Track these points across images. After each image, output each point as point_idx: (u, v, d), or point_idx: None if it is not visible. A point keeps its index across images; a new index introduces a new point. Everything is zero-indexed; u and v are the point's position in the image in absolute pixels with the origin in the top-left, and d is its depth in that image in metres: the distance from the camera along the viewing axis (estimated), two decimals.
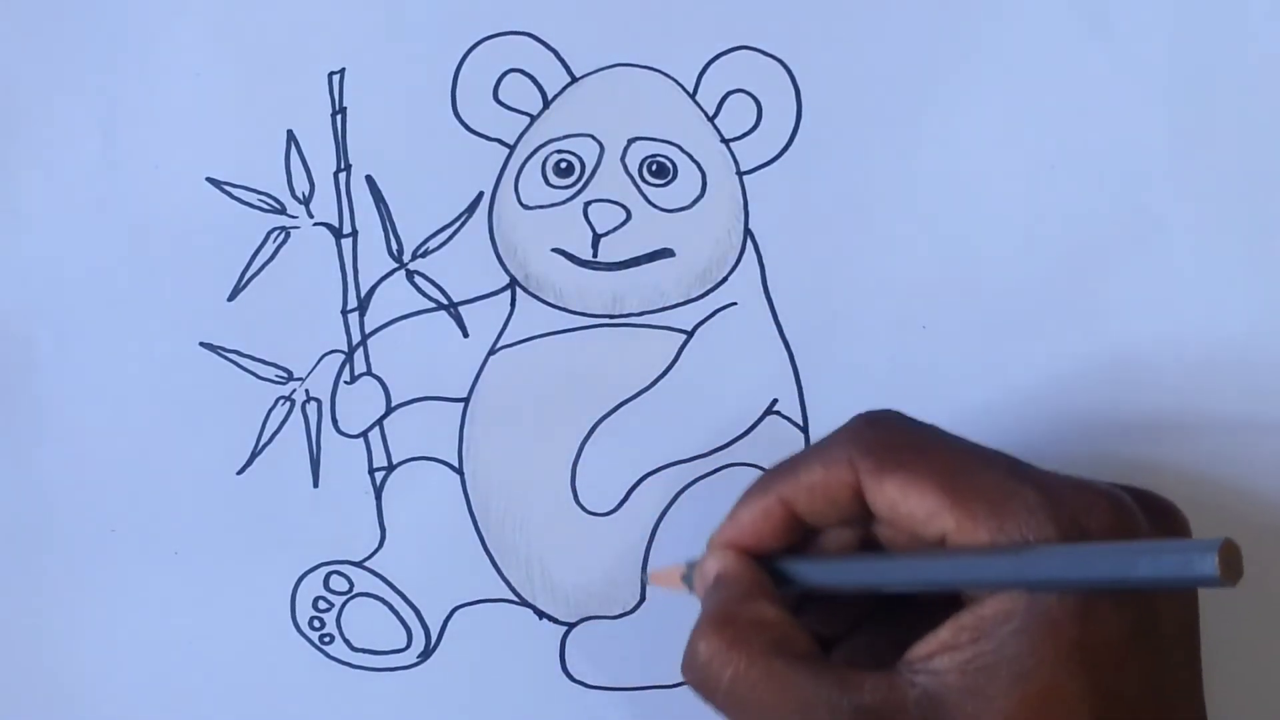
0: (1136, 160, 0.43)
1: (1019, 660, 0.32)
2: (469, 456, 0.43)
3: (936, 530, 0.33)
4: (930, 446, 0.35)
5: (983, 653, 0.32)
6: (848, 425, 0.36)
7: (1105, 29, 0.43)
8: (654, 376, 0.43)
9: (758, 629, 0.35)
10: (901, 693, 0.33)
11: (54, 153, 0.44)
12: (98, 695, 0.43)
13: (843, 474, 0.35)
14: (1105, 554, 0.31)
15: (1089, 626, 0.32)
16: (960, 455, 0.35)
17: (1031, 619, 0.32)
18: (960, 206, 0.43)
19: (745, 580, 0.36)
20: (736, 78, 0.43)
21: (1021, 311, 0.42)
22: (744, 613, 0.35)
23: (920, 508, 0.34)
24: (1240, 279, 0.42)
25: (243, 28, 0.43)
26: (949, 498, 0.33)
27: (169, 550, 0.43)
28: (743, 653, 0.34)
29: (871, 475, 0.35)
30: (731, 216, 0.43)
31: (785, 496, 0.36)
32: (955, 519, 0.33)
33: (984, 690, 0.32)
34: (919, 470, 0.34)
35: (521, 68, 0.43)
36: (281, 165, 0.43)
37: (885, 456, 0.34)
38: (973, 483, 0.33)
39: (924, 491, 0.34)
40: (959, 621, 0.33)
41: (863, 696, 0.33)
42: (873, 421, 0.36)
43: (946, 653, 0.32)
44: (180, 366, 0.43)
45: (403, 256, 0.43)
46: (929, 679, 0.32)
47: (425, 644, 0.43)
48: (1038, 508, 0.33)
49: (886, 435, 0.35)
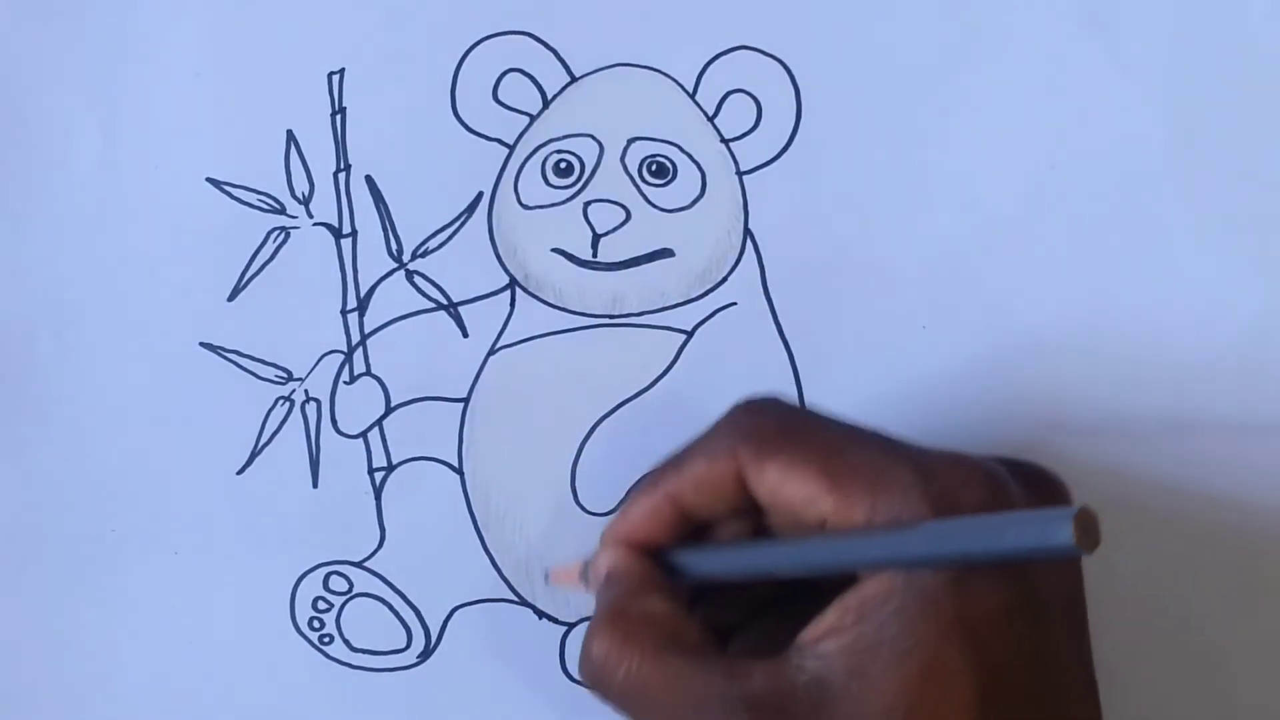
0: (1136, 160, 0.42)
1: (900, 639, 0.32)
2: (469, 456, 0.43)
3: (816, 514, 0.34)
4: (807, 430, 0.35)
5: (865, 634, 0.32)
6: (728, 414, 0.36)
7: (1105, 29, 0.43)
8: (654, 376, 0.43)
9: (648, 625, 0.35)
10: (790, 679, 0.33)
11: (54, 153, 0.44)
12: (98, 695, 0.43)
13: (725, 465, 0.35)
14: (968, 528, 0.32)
15: (966, 601, 0.32)
16: (836, 437, 0.35)
17: (910, 597, 0.32)
18: (960, 206, 0.43)
19: (635, 575, 0.37)
20: (736, 78, 0.43)
21: (1021, 311, 0.42)
22: (634, 609, 0.36)
23: (799, 492, 0.34)
24: (1240, 279, 0.42)
25: (243, 28, 0.43)
26: (826, 480, 0.34)
27: (169, 550, 0.43)
28: (634, 650, 0.35)
29: (752, 463, 0.35)
30: (731, 216, 0.43)
31: (672, 493, 0.37)
32: (833, 501, 0.33)
33: (868, 671, 0.32)
34: (797, 454, 0.34)
35: (521, 67, 0.43)
36: (281, 165, 0.43)
37: (764, 443, 0.35)
38: (848, 463, 0.34)
39: (803, 476, 0.34)
40: (843, 604, 0.33)
41: (752, 685, 0.33)
42: (751, 409, 0.36)
43: (832, 636, 0.33)
44: (180, 366, 0.43)
45: (402, 256, 0.43)
46: (816, 663, 0.33)
47: (425, 644, 0.43)
48: (910, 485, 0.33)
49: (765, 421, 0.36)
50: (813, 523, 0.34)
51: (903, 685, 0.32)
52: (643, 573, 0.37)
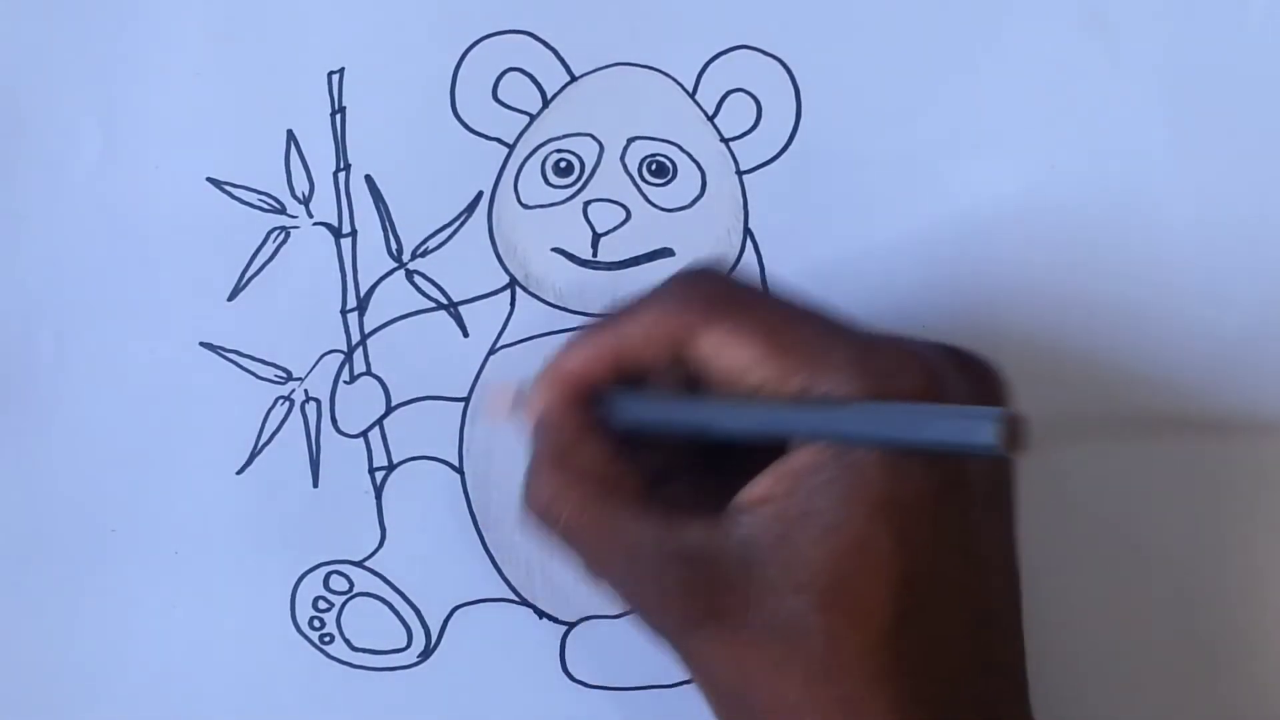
0: (1136, 160, 0.42)
1: (829, 512, 0.32)
2: (469, 456, 0.43)
3: (751, 382, 0.34)
4: (753, 301, 0.36)
5: (795, 503, 0.33)
6: (673, 278, 0.37)
7: (1105, 29, 0.43)
8: None
9: (592, 471, 0.36)
10: (724, 537, 0.33)
11: (54, 153, 0.44)
12: (98, 695, 0.43)
13: (669, 324, 0.36)
14: (896, 414, 0.32)
15: (897, 481, 0.32)
16: (783, 309, 0.35)
17: (841, 471, 0.33)
18: (960, 206, 0.43)
19: (573, 421, 0.37)
20: (736, 77, 0.43)
21: (1021, 311, 0.42)
22: (573, 456, 0.36)
23: (738, 359, 0.34)
24: (1240, 279, 0.42)
25: (243, 28, 0.43)
26: (765, 349, 0.34)
27: (169, 550, 0.43)
28: (575, 497, 0.35)
29: (697, 326, 0.35)
30: (731, 216, 0.43)
31: (613, 343, 0.37)
32: (768, 370, 0.34)
33: (795, 540, 0.33)
34: (741, 322, 0.35)
35: (521, 67, 0.43)
36: (281, 165, 0.43)
37: (708, 310, 0.35)
38: (791, 337, 0.34)
39: (743, 343, 0.34)
40: (777, 470, 0.34)
41: (686, 539, 0.34)
42: (698, 275, 0.37)
43: (766, 503, 0.33)
44: (180, 366, 0.43)
45: (402, 256, 0.43)
46: (749, 526, 0.33)
47: (425, 644, 0.43)
48: (846, 364, 0.33)
49: (710, 289, 0.36)
50: (746, 391, 0.35)
51: (827, 557, 0.32)
52: (580, 419, 0.37)
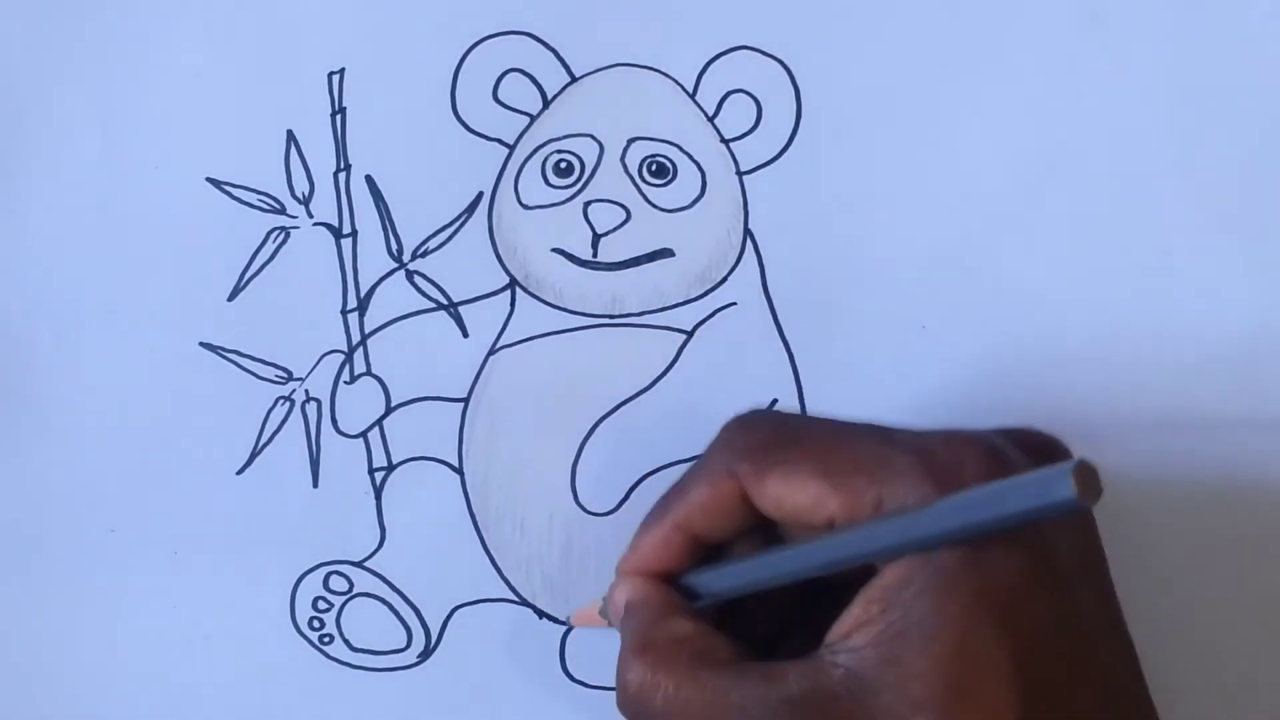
0: (1136, 160, 0.42)
1: (926, 620, 0.32)
2: (469, 456, 0.43)
3: (824, 516, 0.34)
4: (800, 435, 0.35)
5: (892, 621, 0.32)
6: (720, 434, 0.37)
7: (1105, 28, 0.43)
8: (654, 376, 0.43)
9: (677, 646, 0.35)
10: (826, 675, 0.33)
11: (54, 153, 0.44)
12: (98, 695, 0.43)
13: (727, 485, 0.36)
14: (974, 500, 0.32)
15: (985, 573, 0.32)
16: (829, 436, 0.35)
17: (929, 577, 0.32)
18: (960, 206, 0.43)
19: (655, 602, 0.37)
20: (736, 78, 0.43)
21: (1021, 311, 0.42)
22: (660, 634, 0.36)
23: (804, 498, 0.34)
24: (1240, 279, 0.42)
25: (243, 28, 0.43)
26: (827, 481, 0.34)
27: (169, 550, 0.43)
28: (666, 673, 0.35)
29: (752, 479, 0.35)
30: (731, 216, 0.43)
31: (679, 521, 0.37)
32: (838, 500, 0.34)
33: (900, 657, 0.32)
34: (794, 462, 0.34)
35: (521, 68, 0.43)
36: (281, 165, 0.43)
37: (761, 456, 0.35)
38: (846, 460, 0.34)
39: (803, 481, 0.34)
40: (866, 596, 0.33)
41: (789, 687, 0.33)
42: (743, 424, 0.37)
43: (861, 629, 0.33)
44: (180, 366, 0.43)
45: (402, 256, 0.43)
46: (849, 657, 0.33)
47: (425, 644, 0.43)
48: (909, 469, 0.33)
49: (758, 435, 0.36)
50: (823, 525, 0.34)
51: (936, 665, 0.32)
52: (662, 598, 0.37)
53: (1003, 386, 0.42)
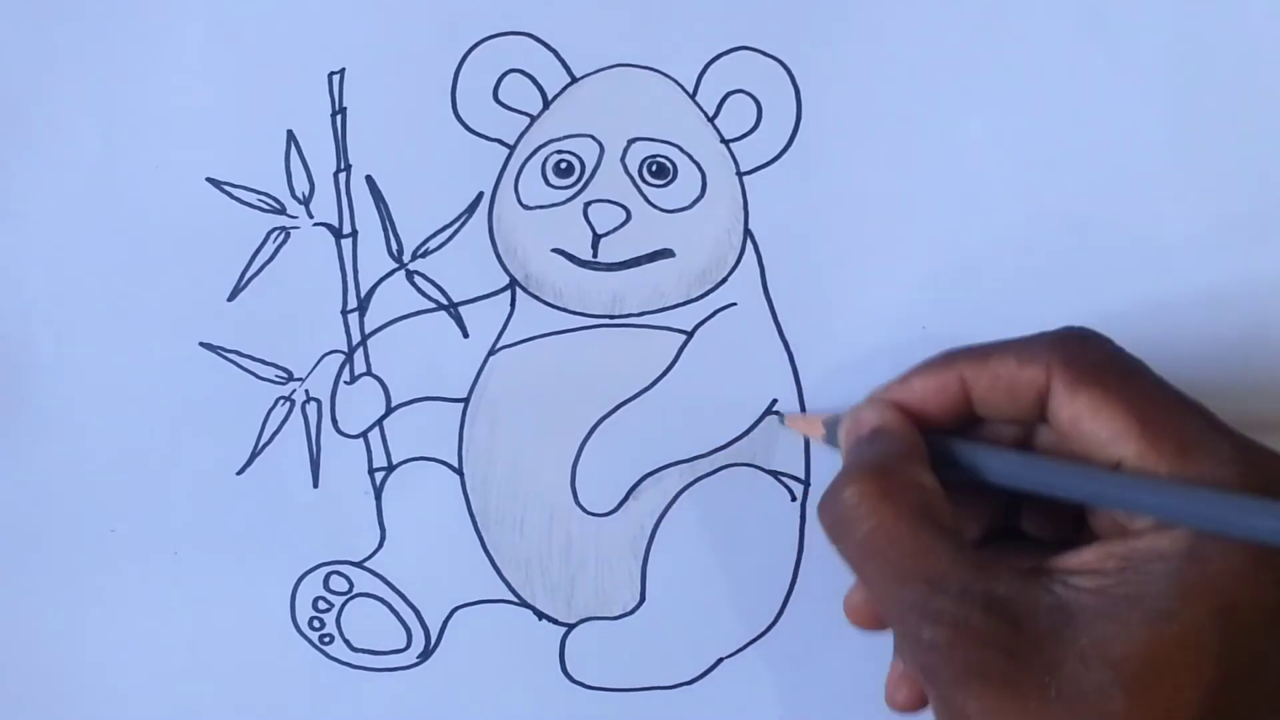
0: (1136, 160, 0.43)
1: (1165, 599, 0.32)
2: (469, 456, 0.43)
3: (1113, 455, 0.33)
4: (1133, 374, 0.35)
5: (1129, 580, 0.32)
6: (1052, 331, 0.36)
7: (1105, 28, 0.43)
8: (654, 376, 0.43)
9: (912, 490, 0.34)
10: (1035, 595, 0.32)
11: (54, 153, 0.44)
12: (98, 695, 0.43)
13: (1036, 374, 0.35)
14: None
15: (1247, 589, 0.32)
16: (1161, 390, 0.34)
17: (1190, 565, 0.32)
18: (960, 206, 0.43)
19: (908, 439, 0.36)
20: (736, 78, 0.43)
21: (1021, 311, 0.42)
22: (901, 471, 0.35)
23: (1106, 429, 0.33)
24: (1240, 279, 0.42)
25: (243, 28, 0.43)
26: (1139, 426, 0.33)
27: (169, 550, 0.43)
28: (890, 507, 0.34)
29: (1067, 385, 0.34)
30: (731, 217, 0.43)
31: (967, 376, 0.36)
32: (1137, 448, 0.33)
33: (1121, 616, 0.32)
34: (1116, 393, 0.34)
35: (521, 68, 0.43)
36: (281, 165, 0.43)
37: (1086, 370, 0.34)
38: (1167, 419, 0.33)
39: (1114, 413, 0.33)
40: (1108, 548, 0.33)
41: (998, 585, 0.33)
42: (1081, 336, 0.36)
43: (1090, 572, 0.32)
44: (180, 366, 0.43)
45: (403, 256, 0.43)
46: (1066, 591, 0.32)
47: (425, 644, 0.43)
48: (1229, 461, 0.32)
49: (1092, 352, 0.35)
50: (1105, 462, 0.34)
51: (1151, 640, 0.31)
52: (915, 440, 0.36)
53: None
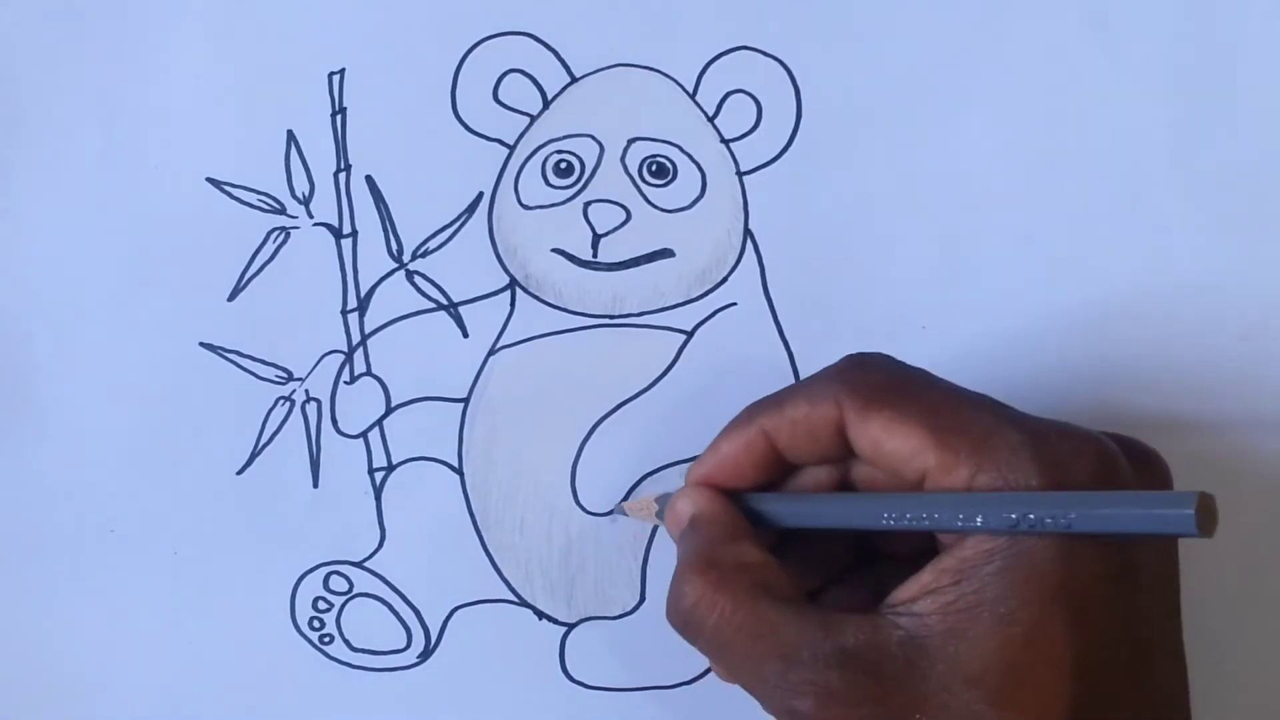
0: (1137, 160, 0.42)
1: (1001, 602, 0.32)
2: (469, 456, 0.43)
3: (917, 469, 0.34)
4: (917, 387, 0.35)
5: (964, 594, 0.32)
6: (835, 365, 0.36)
7: (1105, 28, 0.43)
8: (654, 376, 0.43)
9: (742, 571, 0.35)
10: (885, 635, 0.33)
11: (54, 153, 0.44)
12: (98, 695, 0.43)
13: (828, 410, 0.35)
14: (1088, 502, 0.31)
15: (1071, 570, 0.32)
16: (946, 396, 0.35)
17: (1013, 560, 0.32)
18: (960, 206, 0.43)
19: (724, 520, 0.37)
20: (736, 78, 0.43)
21: (1021, 311, 0.42)
22: (727, 555, 0.35)
23: (904, 446, 0.34)
24: (1240, 279, 0.42)
25: (243, 28, 0.43)
26: (932, 436, 0.33)
27: (169, 550, 0.43)
28: (728, 596, 0.34)
29: (857, 413, 0.35)
30: (731, 217, 0.43)
31: (768, 428, 0.36)
32: (937, 457, 0.33)
33: (966, 632, 0.32)
34: (904, 409, 0.34)
35: (521, 68, 0.43)
36: (281, 165, 0.43)
37: (872, 396, 0.35)
38: (956, 422, 0.34)
39: (908, 430, 0.34)
40: (940, 565, 0.33)
41: (846, 639, 0.33)
42: (861, 362, 0.36)
43: (928, 595, 0.33)
44: (180, 366, 0.43)
45: (403, 256, 0.43)
46: (911, 621, 0.33)
47: (425, 644, 0.43)
48: (1020, 447, 0.33)
49: (874, 375, 0.36)
50: (912, 478, 0.34)
51: (1002, 647, 0.32)
52: (732, 518, 0.37)
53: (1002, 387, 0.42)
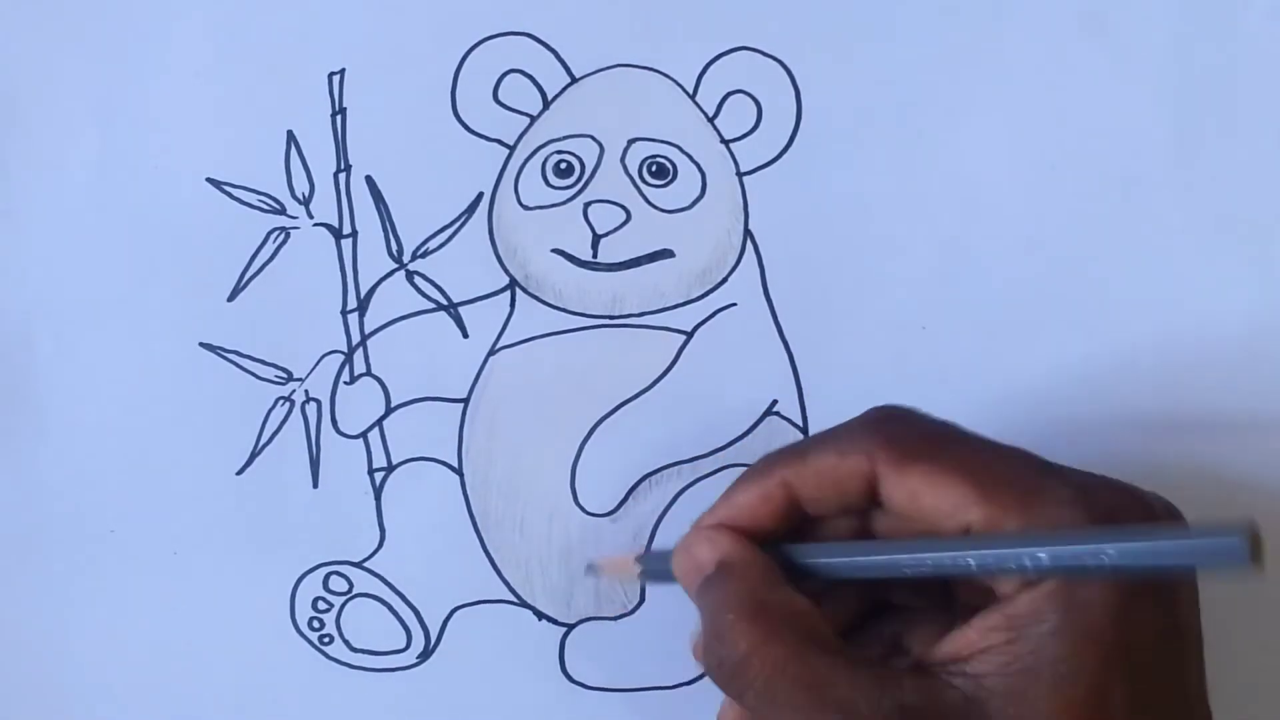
0: (1136, 160, 0.42)
1: (1061, 662, 0.31)
2: (469, 456, 0.43)
3: (960, 523, 0.33)
4: (955, 440, 0.34)
5: (1021, 654, 0.31)
6: (864, 416, 0.35)
7: (1105, 29, 0.43)
8: (654, 377, 0.43)
9: (794, 619, 0.33)
10: (941, 694, 0.32)
11: (54, 153, 0.44)
12: (98, 695, 0.43)
13: (858, 463, 0.34)
14: (1138, 536, 0.30)
15: (1128, 628, 0.31)
16: (988, 450, 0.34)
17: (1069, 619, 0.31)
18: (960, 206, 0.43)
19: (761, 565, 0.35)
20: (736, 78, 0.43)
21: (1021, 311, 0.42)
22: (775, 602, 0.34)
23: (946, 500, 0.33)
24: (1240, 279, 0.42)
25: (243, 28, 0.43)
26: (977, 490, 0.32)
27: (169, 550, 0.43)
28: (780, 644, 0.33)
29: (892, 466, 0.34)
30: (731, 217, 0.43)
31: (789, 480, 0.35)
32: (983, 511, 0.32)
33: (1026, 694, 0.31)
34: (945, 462, 0.33)
35: (521, 68, 0.43)
36: (281, 165, 0.43)
37: (909, 448, 0.34)
38: (1002, 476, 0.33)
39: (950, 483, 0.33)
40: (987, 622, 0.32)
41: (904, 696, 0.32)
42: (891, 413, 0.35)
43: (981, 655, 0.32)
44: (180, 366, 0.43)
45: (402, 257, 0.43)
46: (967, 682, 0.32)
47: (425, 644, 0.43)
48: (1069, 502, 0.32)
49: (908, 428, 0.35)
50: (953, 532, 0.33)
51: (1064, 710, 0.31)
52: (767, 563, 0.35)
53: (1002, 386, 0.42)
